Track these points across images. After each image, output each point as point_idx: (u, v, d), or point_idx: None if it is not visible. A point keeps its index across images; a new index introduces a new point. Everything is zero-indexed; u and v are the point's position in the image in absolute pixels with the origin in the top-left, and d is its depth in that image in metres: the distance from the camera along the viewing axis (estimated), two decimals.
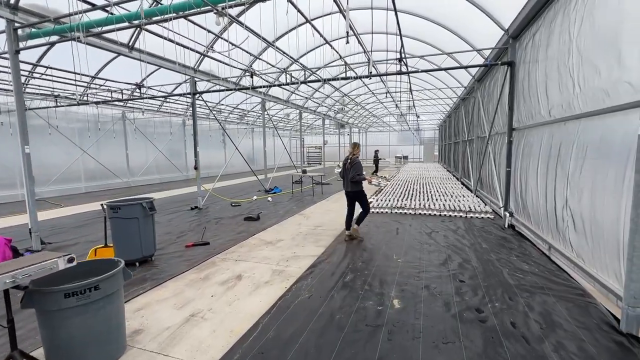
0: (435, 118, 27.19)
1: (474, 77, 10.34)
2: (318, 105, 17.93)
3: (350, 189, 5.75)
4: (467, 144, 12.47)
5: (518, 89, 6.19)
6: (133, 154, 16.30)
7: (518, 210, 6.20)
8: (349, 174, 5.63)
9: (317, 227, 6.85)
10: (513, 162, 6.45)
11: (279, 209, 9.04)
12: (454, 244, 5.47)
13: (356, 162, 5.65)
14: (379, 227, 6.75)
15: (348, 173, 5.64)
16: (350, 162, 5.64)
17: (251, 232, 6.59)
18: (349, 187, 5.73)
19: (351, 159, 5.70)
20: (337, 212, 8.47)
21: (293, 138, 34.87)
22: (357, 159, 5.74)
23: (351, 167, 5.59)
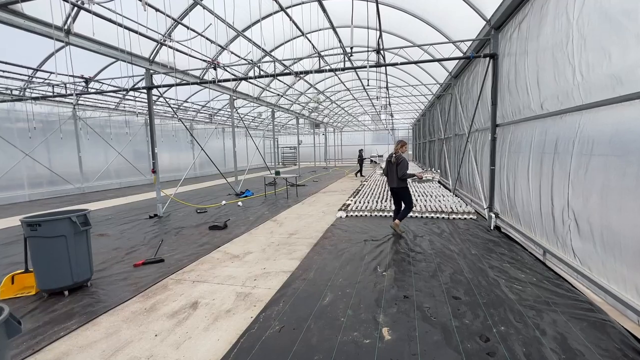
0: (409, 117, 27.28)
1: (451, 73, 10.08)
2: (292, 103, 17.21)
3: (397, 185, 5.75)
4: (444, 143, 12.27)
5: (502, 82, 5.85)
6: (87, 157, 14.75)
7: (505, 211, 5.85)
8: (394, 170, 5.64)
9: (291, 236, 6.16)
10: (498, 160, 6.11)
11: (250, 215, 8.25)
12: (442, 251, 4.99)
13: (402, 160, 5.67)
14: (359, 233, 6.18)
15: (393, 169, 5.66)
16: (396, 159, 5.67)
17: (216, 243, 5.78)
18: (394, 184, 5.73)
19: (396, 155, 5.71)
20: (312, 216, 7.82)
21: (267, 138, 33.84)
22: (402, 156, 5.72)
23: (397, 165, 5.62)
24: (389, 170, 5.87)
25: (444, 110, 12.74)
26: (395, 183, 5.75)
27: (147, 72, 7.93)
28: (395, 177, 5.72)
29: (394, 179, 5.75)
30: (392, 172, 5.78)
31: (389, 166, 5.84)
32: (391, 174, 5.80)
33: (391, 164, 5.77)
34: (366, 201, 9.04)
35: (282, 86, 14.07)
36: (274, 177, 12.03)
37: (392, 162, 5.76)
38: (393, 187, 5.83)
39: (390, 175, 5.81)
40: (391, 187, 5.88)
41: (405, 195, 5.84)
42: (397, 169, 5.65)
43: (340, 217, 7.65)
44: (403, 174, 5.63)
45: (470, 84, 8.23)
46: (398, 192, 5.85)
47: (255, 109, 20.42)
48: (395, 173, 5.69)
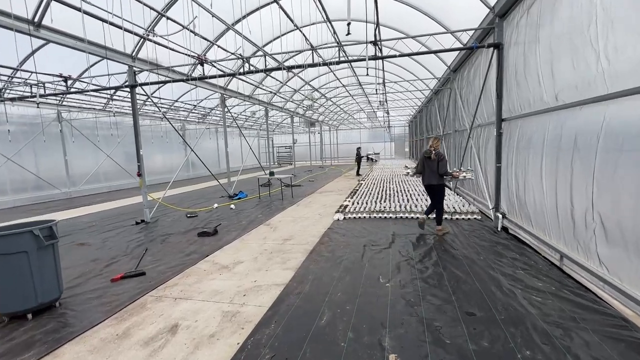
0: (405, 114, 26.95)
1: (450, 67, 9.71)
2: (286, 102, 16.76)
3: (437, 182, 5.51)
4: (443, 139, 11.91)
5: (508, 74, 5.47)
6: (74, 160, 14.20)
7: (512, 211, 5.49)
8: (434, 167, 5.39)
9: (285, 241, 5.74)
10: (504, 157, 5.74)
11: (242, 219, 7.82)
12: (448, 257, 4.61)
13: (443, 156, 5.46)
14: (358, 237, 5.78)
15: (434, 166, 5.40)
16: (436, 155, 5.41)
17: (204, 252, 5.35)
18: (434, 181, 5.47)
19: (436, 152, 5.44)
20: (308, 219, 7.41)
21: (261, 138, 33.35)
22: (441, 152, 5.51)
23: (440, 161, 5.37)
24: (425, 167, 5.55)
25: (442, 106, 12.38)
26: (436, 180, 5.49)
27: (130, 69, 7.46)
28: (435, 174, 5.43)
29: (433, 176, 5.45)
30: (430, 169, 5.47)
31: (428, 162, 5.50)
32: (429, 171, 5.49)
33: (430, 160, 5.47)
34: (364, 202, 8.65)
35: (275, 83, 13.63)
36: (268, 178, 11.62)
37: (431, 159, 5.45)
38: (432, 184, 5.52)
39: (428, 172, 5.49)
40: (429, 184, 5.55)
41: (442, 194, 5.70)
42: (438, 165, 5.38)
43: (338, 219, 7.25)
44: (445, 171, 5.40)
45: (471, 77, 7.86)
46: (437, 189, 5.60)
47: (249, 107, 19.95)
48: (437, 170, 5.40)
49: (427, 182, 5.66)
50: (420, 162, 5.72)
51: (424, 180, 5.74)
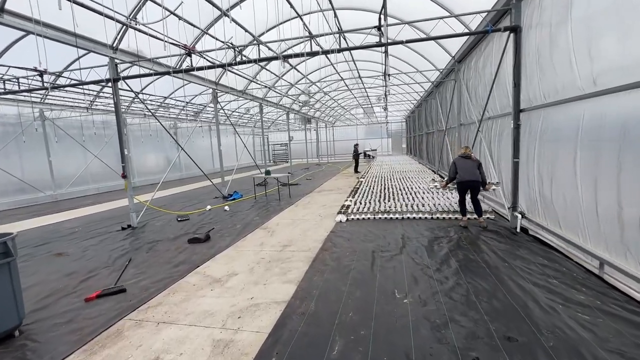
0: (402, 109, 26.45)
1: (454, 57, 9.19)
2: (281, 97, 16.14)
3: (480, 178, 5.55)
4: (446, 134, 11.43)
5: (529, 59, 4.96)
6: (59, 161, 13.48)
7: (534, 210, 5.00)
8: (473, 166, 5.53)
9: (284, 248, 5.21)
10: (524, 151, 5.24)
11: (237, 222, 7.26)
12: (468, 263, 4.11)
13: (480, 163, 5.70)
14: (365, 242, 5.26)
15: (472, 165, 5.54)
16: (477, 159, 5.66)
17: (194, 262, 4.80)
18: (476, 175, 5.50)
19: (472, 157, 5.68)
20: (308, 221, 6.87)
21: (256, 135, 32.66)
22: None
23: (480, 165, 5.60)
24: (461, 168, 5.58)
25: (444, 99, 11.88)
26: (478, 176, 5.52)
27: (111, 61, 6.83)
28: (476, 171, 5.53)
29: (474, 173, 5.50)
30: (469, 168, 5.53)
31: (465, 163, 5.59)
32: (469, 170, 5.52)
33: (471, 160, 5.61)
34: (367, 201, 8.13)
35: (270, 78, 13.00)
36: (264, 177, 11.05)
37: (472, 159, 5.63)
38: (474, 180, 5.50)
39: (470, 170, 5.52)
40: (474, 179, 5.50)
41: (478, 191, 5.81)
42: (480, 170, 5.56)
43: (340, 221, 6.73)
44: (484, 179, 5.60)
45: (480, 66, 7.35)
46: (477, 186, 5.61)
47: (244, 104, 19.30)
48: (477, 170, 5.54)
49: (470, 177, 5.49)
50: (453, 167, 5.70)
51: (464, 176, 5.53)
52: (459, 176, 5.58)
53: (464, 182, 5.59)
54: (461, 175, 5.56)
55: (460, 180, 5.59)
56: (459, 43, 8.45)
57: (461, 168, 5.58)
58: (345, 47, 5.94)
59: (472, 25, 7.02)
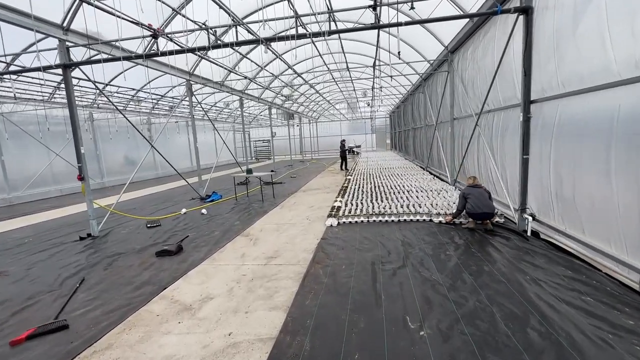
0: (387, 103, 26.03)
1: (447, 48, 8.68)
2: (264, 89, 15.23)
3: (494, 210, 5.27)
4: (436, 129, 10.98)
5: (543, 43, 4.43)
6: (13, 161, 12.10)
7: (547, 213, 4.52)
8: (485, 196, 5.21)
9: (269, 261, 4.50)
10: (535, 147, 4.74)
11: (216, 227, 6.46)
12: (486, 280, 3.55)
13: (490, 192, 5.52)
14: (361, 250, 4.62)
15: (484, 195, 5.21)
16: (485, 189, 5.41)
17: (161, 282, 4.01)
18: (489, 208, 5.12)
19: (483, 186, 5.51)
20: (295, 226, 6.18)
21: (237, 132, 31.46)
22: None
23: (490, 194, 5.40)
24: (473, 199, 5.16)
25: (434, 92, 11.41)
26: (494, 208, 5.26)
27: (61, 44, 5.82)
28: (491, 202, 5.25)
29: (489, 204, 5.17)
30: (485, 199, 5.19)
31: (479, 193, 5.21)
32: (485, 200, 5.17)
33: (484, 190, 5.33)
34: (359, 202, 7.51)
35: (252, 69, 12.06)
36: (245, 177, 10.22)
37: (484, 189, 5.36)
38: (490, 213, 5.12)
39: (483, 201, 5.14)
40: (487, 211, 5.09)
41: None
42: (490, 196, 5.35)
43: (331, 225, 6.07)
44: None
45: (479, 56, 6.83)
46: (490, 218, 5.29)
47: (224, 98, 18.24)
48: (489, 198, 5.28)
49: (486, 209, 5.09)
50: (462, 199, 5.30)
51: (479, 208, 5.09)
52: (473, 207, 5.12)
53: (479, 214, 5.14)
54: (476, 206, 5.10)
55: (475, 212, 5.13)
56: (453, 32, 7.93)
57: (475, 198, 5.14)
58: (335, 30, 5.23)
59: (472, 10, 6.47)
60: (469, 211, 5.15)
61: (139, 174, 17.09)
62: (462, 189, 5.53)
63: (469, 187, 5.41)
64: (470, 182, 5.54)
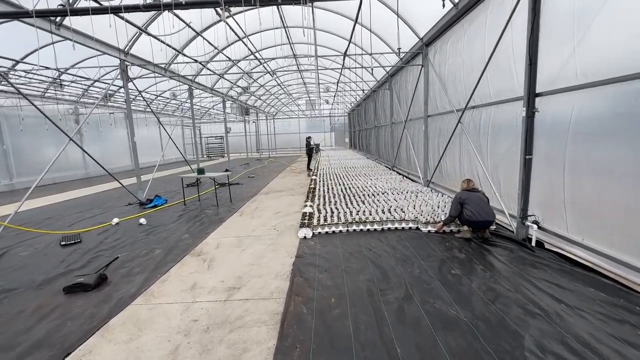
0: (347, 101, 25.58)
1: (422, 39, 8.12)
2: (218, 79, 13.58)
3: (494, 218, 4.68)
4: (405, 127, 10.48)
5: (554, 26, 3.87)
6: None
7: (556, 220, 4.00)
8: (483, 200, 4.67)
9: (231, 294, 3.35)
10: (541, 147, 4.20)
11: (157, 244, 5.07)
12: (519, 313, 2.81)
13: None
14: (350, 273, 3.67)
15: (483, 199, 4.67)
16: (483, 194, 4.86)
17: (63, 344, 2.66)
18: (491, 214, 4.57)
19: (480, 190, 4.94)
20: (261, 239, 5.05)
21: (187, 127, 28.80)
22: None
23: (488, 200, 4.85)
24: (471, 205, 4.56)
25: (404, 88, 10.92)
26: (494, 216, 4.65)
27: None
28: (490, 208, 4.64)
29: (489, 210, 4.58)
30: (485, 205, 4.61)
31: (478, 198, 4.63)
32: (485, 206, 4.59)
33: (482, 194, 4.79)
34: (332, 207, 6.57)
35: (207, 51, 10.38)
36: (196, 179, 8.72)
37: (481, 193, 4.83)
38: (491, 221, 4.56)
39: (484, 207, 4.56)
40: (487, 219, 4.52)
41: None
42: (488, 201, 4.82)
43: (305, 237, 5.06)
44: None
45: (463, 46, 6.28)
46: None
47: (172, 88, 16.10)
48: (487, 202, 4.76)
49: (487, 216, 4.50)
50: (457, 204, 4.66)
51: (479, 215, 4.47)
52: (473, 214, 4.47)
53: (479, 222, 4.51)
54: (477, 213, 4.47)
55: (476, 220, 4.48)
56: (429, 24, 7.37)
57: (474, 204, 4.53)
58: None
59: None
60: (468, 219, 4.48)
61: (63, 173, 14.43)
62: (456, 194, 4.85)
63: (465, 191, 4.76)
64: (465, 185, 4.91)
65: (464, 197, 4.63)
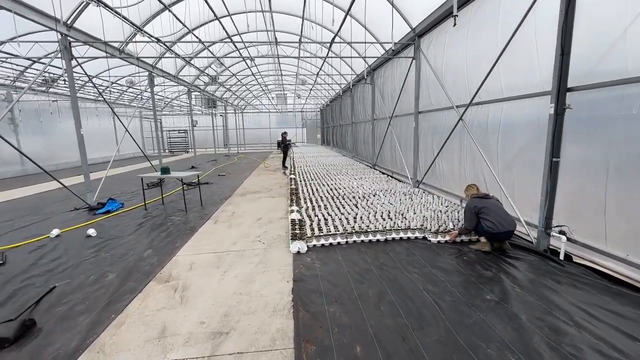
0: (320, 95, 24.81)
1: (414, 30, 7.55)
2: (184, 66, 12.16)
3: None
4: (391, 124, 9.95)
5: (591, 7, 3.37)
6: None
7: (593, 233, 3.55)
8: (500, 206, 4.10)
9: (217, 346, 2.46)
10: (579, 148, 3.72)
11: (110, 265, 3.98)
12: (584, 354, 2.24)
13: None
14: (368, 304, 2.94)
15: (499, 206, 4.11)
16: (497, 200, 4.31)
17: None
18: (511, 225, 3.94)
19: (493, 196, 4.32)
20: (246, 256, 4.15)
21: (147, 119, 26.40)
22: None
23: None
24: (495, 210, 4.02)
25: (389, 83, 10.36)
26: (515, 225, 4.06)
27: None
28: (510, 216, 4.06)
29: (510, 219, 4.01)
30: (504, 212, 4.06)
31: (495, 206, 4.07)
32: (504, 214, 4.03)
33: (497, 201, 4.25)
34: (324, 212, 5.79)
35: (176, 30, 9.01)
36: (158, 179, 7.48)
37: (496, 199, 4.26)
38: (512, 231, 3.99)
39: (503, 215, 4.00)
40: (510, 229, 3.95)
41: None
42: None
43: (299, 252, 4.24)
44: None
45: (468, 35, 5.75)
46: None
47: (132, 74, 14.26)
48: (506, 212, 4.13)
49: (509, 226, 3.94)
50: (472, 214, 4.09)
51: (502, 226, 3.90)
52: (495, 225, 3.91)
53: (500, 234, 3.96)
54: (498, 224, 3.91)
55: (499, 232, 3.93)
56: (424, 13, 6.80)
57: (493, 213, 4.00)
58: None
59: None
60: (489, 230, 3.93)
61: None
62: (467, 202, 4.28)
63: (477, 198, 4.21)
64: (474, 191, 4.40)
65: (479, 205, 4.07)
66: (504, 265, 3.71)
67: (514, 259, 3.90)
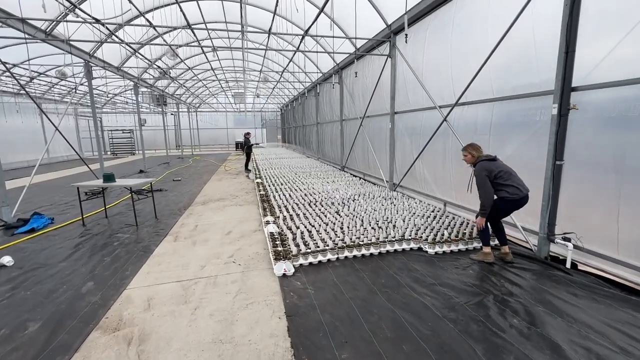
0: (280, 95, 23.96)
1: (390, 27, 7.24)
2: (131, 55, 10.62)
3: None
4: (362, 124, 9.59)
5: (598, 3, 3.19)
6: None
7: (593, 237, 3.38)
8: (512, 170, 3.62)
9: None
10: (588, 150, 3.54)
11: (32, 309, 2.96)
12: None
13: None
14: (384, 344, 2.38)
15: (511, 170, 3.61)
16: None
17: None
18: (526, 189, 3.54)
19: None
20: (221, 284, 3.38)
21: (84, 117, 23.38)
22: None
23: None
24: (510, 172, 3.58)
25: (359, 82, 10.00)
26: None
27: None
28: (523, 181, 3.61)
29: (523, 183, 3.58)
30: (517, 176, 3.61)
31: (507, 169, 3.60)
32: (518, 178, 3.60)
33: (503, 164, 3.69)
34: (306, 221, 5.14)
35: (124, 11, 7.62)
36: (100, 188, 6.20)
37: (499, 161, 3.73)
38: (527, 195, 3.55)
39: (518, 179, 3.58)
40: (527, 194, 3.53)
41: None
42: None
43: (285, 275, 3.57)
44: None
45: (453, 32, 5.50)
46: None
47: (62, 66, 12.22)
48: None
49: (526, 190, 3.54)
50: (486, 180, 3.51)
51: (521, 190, 3.50)
52: (518, 191, 3.47)
53: (524, 199, 3.53)
54: (521, 188, 3.50)
55: (522, 196, 3.49)
56: (401, 9, 6.49)
57: (512, 177, 3.54)
58: None
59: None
60: (514, 197, 3.45)
61: None
62: (477, 168, 3.59)
63: (486, 161, 3.59)
64: (479, 153, 3.72)
65: (491, 168, 3.49)
66: (514, 278, 3.41)
67: (520, 269, 3.63)
